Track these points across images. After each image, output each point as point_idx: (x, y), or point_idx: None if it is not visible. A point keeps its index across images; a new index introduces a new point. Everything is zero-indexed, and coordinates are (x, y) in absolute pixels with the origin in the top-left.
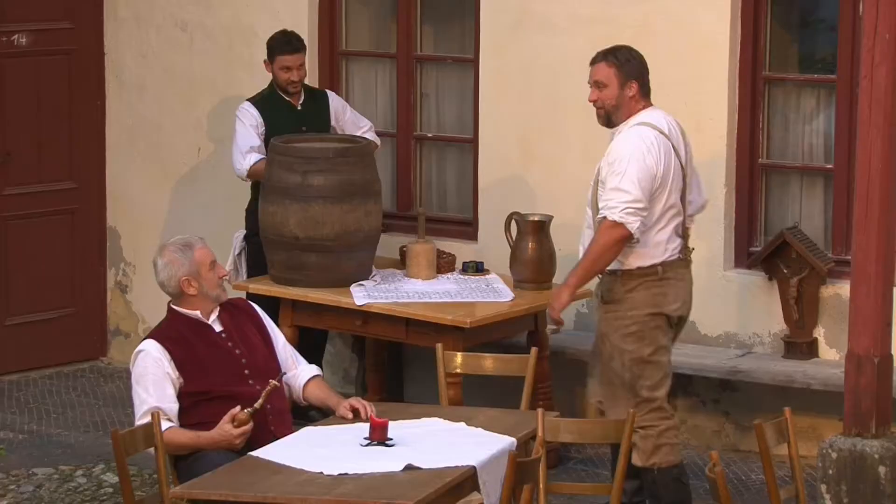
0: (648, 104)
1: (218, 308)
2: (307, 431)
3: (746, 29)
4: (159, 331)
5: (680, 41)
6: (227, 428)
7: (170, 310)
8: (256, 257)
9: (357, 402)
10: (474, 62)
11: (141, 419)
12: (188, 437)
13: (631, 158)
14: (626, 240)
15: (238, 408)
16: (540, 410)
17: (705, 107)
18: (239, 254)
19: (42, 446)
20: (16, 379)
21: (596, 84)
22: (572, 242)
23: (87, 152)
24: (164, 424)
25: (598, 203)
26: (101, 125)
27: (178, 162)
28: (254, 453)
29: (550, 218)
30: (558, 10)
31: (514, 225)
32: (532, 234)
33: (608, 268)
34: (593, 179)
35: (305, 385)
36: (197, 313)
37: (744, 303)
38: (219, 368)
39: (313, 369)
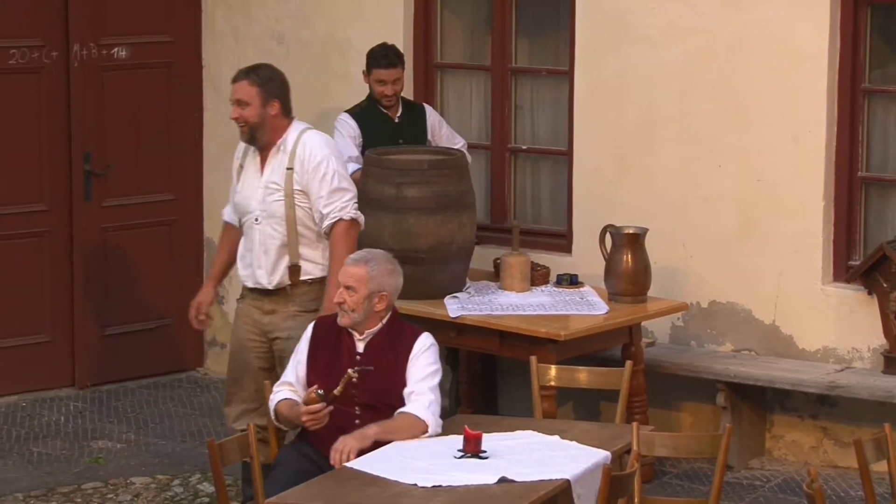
0: (291, 120)
1: (378, 329)
2: (400, 443)
3: (845, 40)
4: (329, 318)
5: (777, 53)
6: (300, 405)
7: None
8: None
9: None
10: (569, 74)
11: (276, 386)
12: (287, 406)
13: (330, 157)
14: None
15: (315, 386)
16: (635, 424)
17: (803, 119)
18: None
19: (139, 455)
20: (114, 388)
21: (238, 102)
22: (667, 255)
23: (185, 164)
24: (283, 395)
25: (294, 210)
26: (199, 137)
27: None
28: (348, 465)
29: (645, 230)
30: (654, 23)
31: (608, 237)
32: (627, 246)
33: (308, 276)
34: (283, 190)
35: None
36: (363, 328)
37: (842, 317)
38: (326, 378)
39: (411, 406)
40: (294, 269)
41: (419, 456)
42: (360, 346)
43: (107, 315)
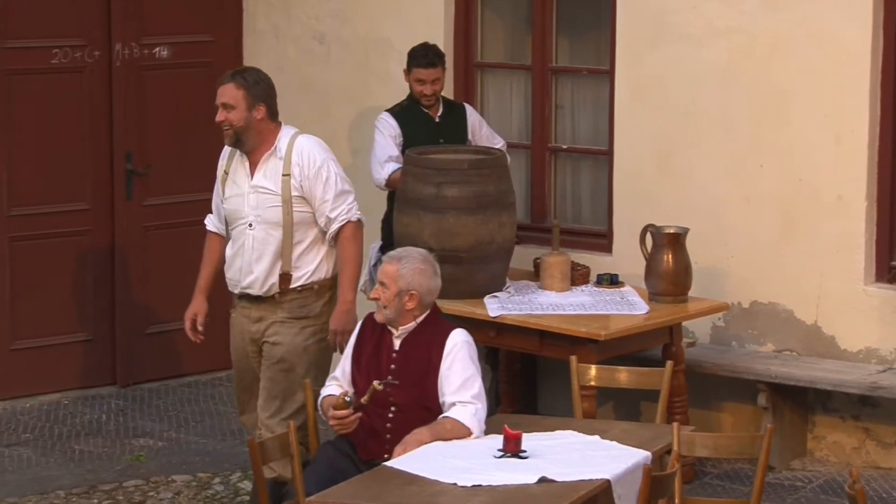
0: (279, 125)
1: (413, 328)
2: (441, 443)
3: (888, 39)
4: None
5: (819, 52)
6: (331, 411)
7: None
8: None
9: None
10: (610, 73)
11: (328, 380)
12: (327, 403)
13: (328, 161)
14: None
15: (344, 392)
16: (675, 424)
17: (846, 119)
18: (375, 265)
19: (180, 454)
20: (155, 387)
21: (223, 105)
22: (708, 255)
23: None
24: (328, 390)
25: (291, 216)
26: None
27: None
28: (388, 464)
29: (686, 230)
30: (695, 22)
31: (649, 237)
32: (668, 246)
33: (297, 284)
34: (280, 196)
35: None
36: (396, 324)
37: (884, 318)
38: (367, 373)
39: (453, 411)
40: (285, 277)
41: (459, 455)
42: (397, 344)
43: (148, 313)
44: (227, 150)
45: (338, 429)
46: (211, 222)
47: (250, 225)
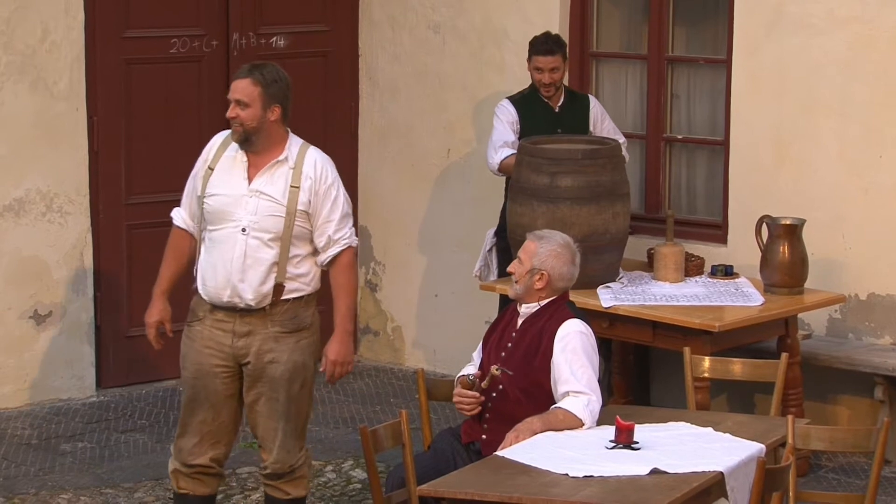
0: (288, 131)
1: (536, 309)
2: (552, 433)
3: None
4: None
5: None
6: (457, 388)
7: None
8: (507, 256)
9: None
10: (727, 63)
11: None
12: (460, 382)
13: (338, 180)
14: None
15: (470, 373)
16: (790, 417)
17: None
18: (490, 249)
19: None
20: None
21: (237, 102)
22: (825, 246)
23: (341, 152)
24: (465, 370)
25: (292, 229)
26: (354, 126)
27: (429, 163)
28: (499, 453)
29: (803, 221)
30: (815, 11)
31: (765, 228)
32: (784, 237)
33: (292, 295)
34: (286, 208)
35: None
36: (522, 301)
37: None
38: (488, 354)
39: (565, 401)
40: (278, 288)
41: (571, 446)
42: (518, 323)
43: None
44: (214, 143)
45: (458, 406)
46: (180, 217)
47: (244, 230)
